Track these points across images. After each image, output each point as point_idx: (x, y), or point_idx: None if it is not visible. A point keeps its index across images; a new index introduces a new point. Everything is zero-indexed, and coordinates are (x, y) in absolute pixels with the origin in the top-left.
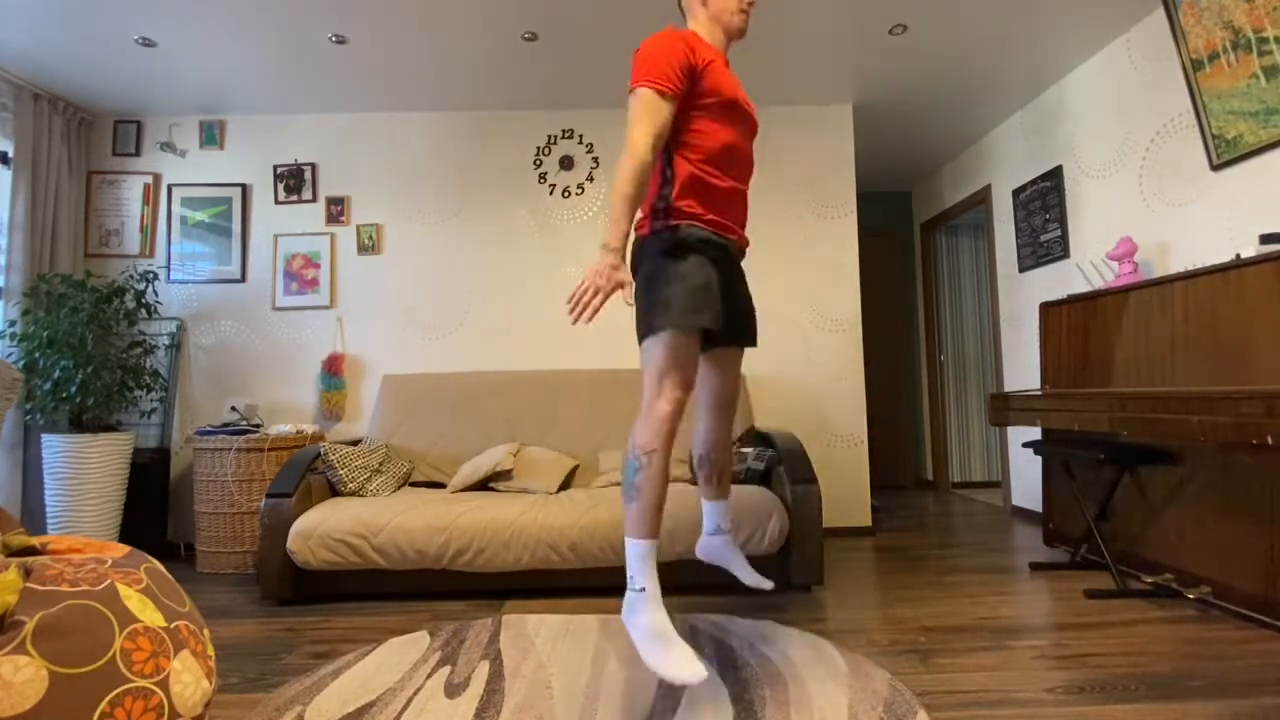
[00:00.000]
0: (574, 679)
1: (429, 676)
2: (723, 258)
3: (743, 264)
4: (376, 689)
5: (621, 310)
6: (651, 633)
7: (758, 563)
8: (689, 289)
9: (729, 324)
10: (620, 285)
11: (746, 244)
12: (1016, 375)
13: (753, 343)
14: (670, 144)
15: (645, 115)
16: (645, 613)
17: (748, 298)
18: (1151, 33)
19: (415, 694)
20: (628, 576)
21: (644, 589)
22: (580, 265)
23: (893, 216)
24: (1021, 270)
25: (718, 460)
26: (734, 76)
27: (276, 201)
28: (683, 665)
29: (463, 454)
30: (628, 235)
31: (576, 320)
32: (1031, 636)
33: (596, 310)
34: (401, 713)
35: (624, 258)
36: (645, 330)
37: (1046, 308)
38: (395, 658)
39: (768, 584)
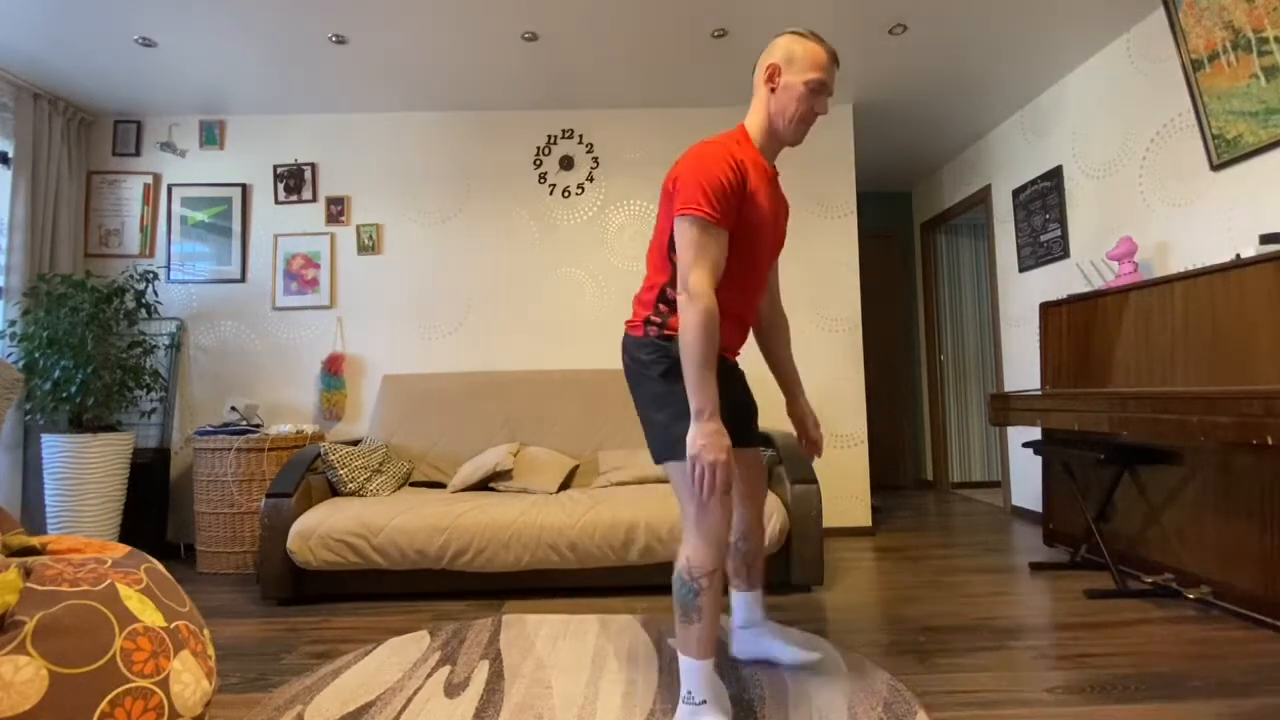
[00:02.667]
0: (574, 679)
1: (429, 676)
2: (721, 374)
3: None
4: (376, 689)
5: (624, 311)
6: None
7: None
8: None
9: (735, 432)
10: (729, 448)
11: (736, 355)
12: (1016, 375)
13: (760, 442)
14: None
15: (704, 254)
16: None
17: (747, 404)
18: (1151, 33)
19: (415, 693)
20: (684, 691)
21: (705, 701)
22: (580, 265)
23: (893, 216)
24: (1021, 270)
25: (746, 549)
26: (776, 197)
27: (276, 201)
28: None
29: (463, 454)
30: (716, 396)
31: (710, 496)
32: (1031, 636)
33: (726, 482)
34: (401, 712)
35: (719, 420)
36: (666, 455)
37: (1046, 308)
38: (395, 657)
39: (812, 657)
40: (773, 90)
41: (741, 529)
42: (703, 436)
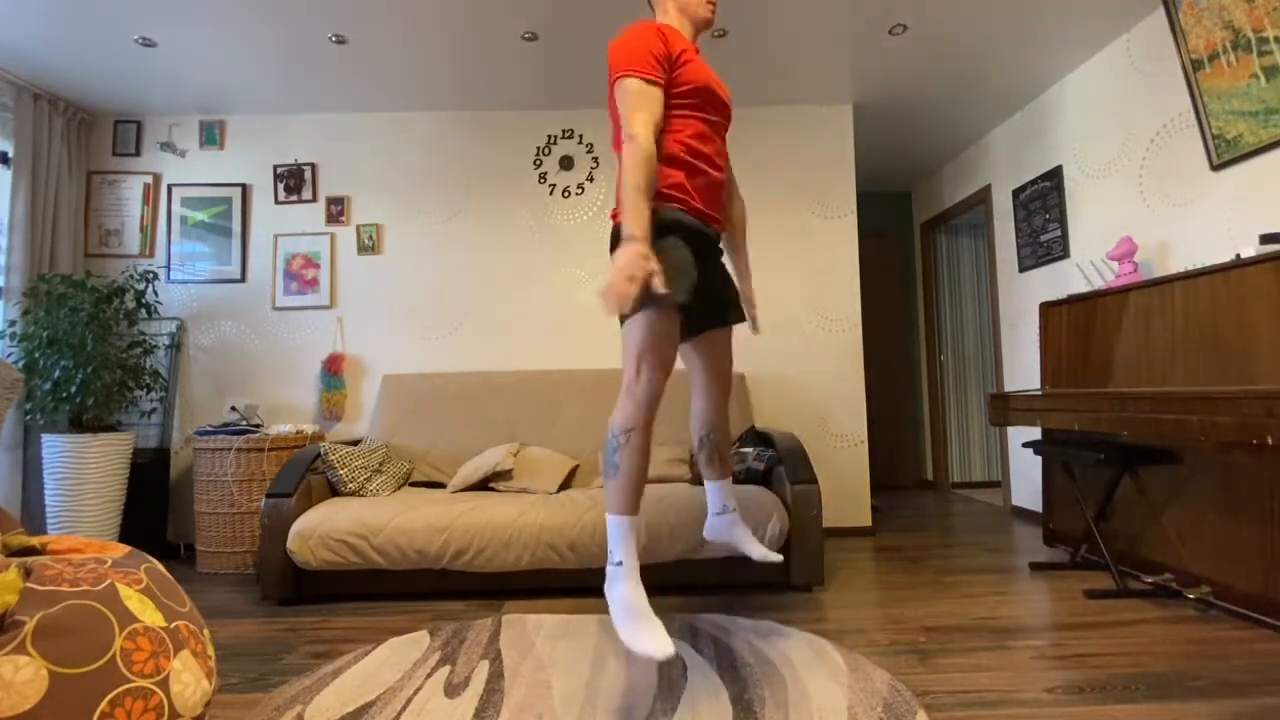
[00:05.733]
0: (574, 679)
1: (429, 676)
2: (699, 241)
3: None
4: (376, 689)
5: None
6: (626, 606)
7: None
8: (665, 268)
9: (708, 307)
10: (652, 273)
11: (723, 228)
12: (1016, 375)
13: (739, 319)
14: None
15: (641, 104)
16: (622, 585)
17: (726, 281)
18: (1151, 33)
19: (415, 694)
20: (608, 550)
21: (622, 562)
22: (580, 265)
23: (893, 216)
24: (1021, 270)
25: (716, 440)
26: (707, 67)
27: (276, 201)
28: (652, 640)
29: (463, 454)
30: (649, 223)
31: (612, 313)
32: (1031, 636)
33: (633, 300)
34: (401, 712)
35: (650, 246)
36: (626, 314)
37: (1046, 308)
38: (395, 657)
39: (777, 557)
40: None
41: (708, 419)
42: (625, 255)
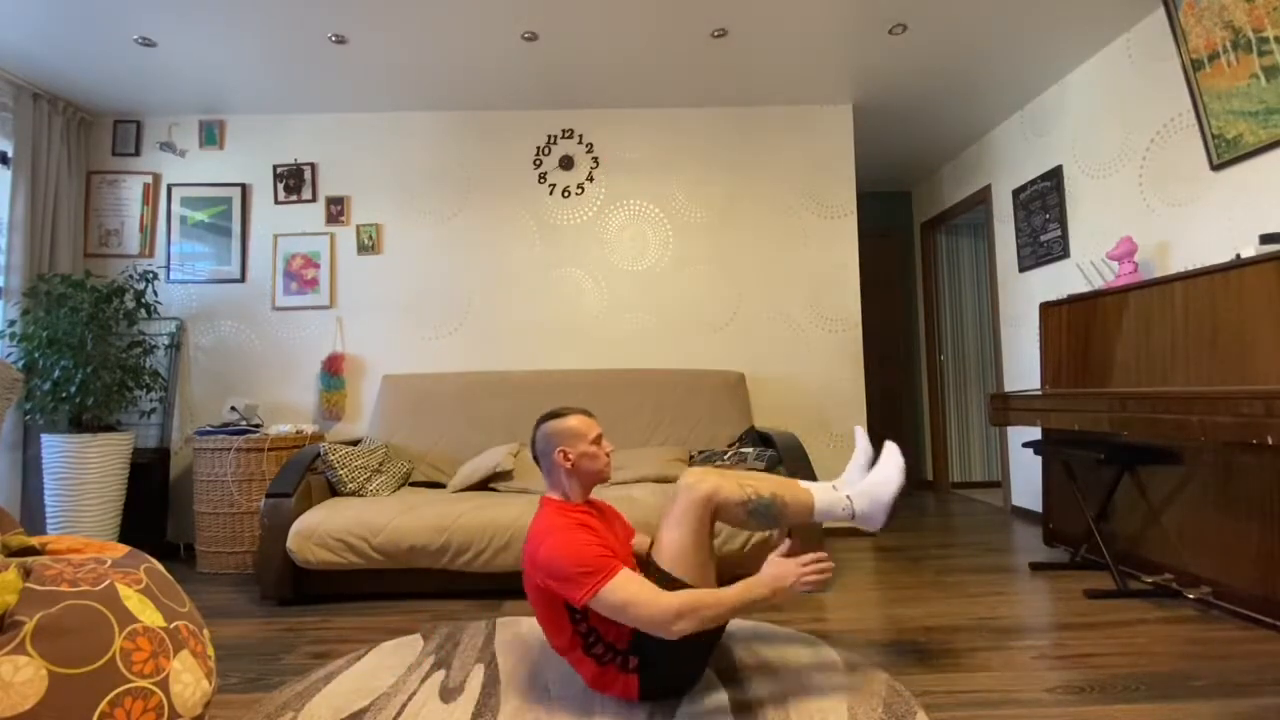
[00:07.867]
0: (572, 683)
1: (423, 680)
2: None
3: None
4: (370, 694)
5: (624, 311)
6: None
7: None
8: None
9: None
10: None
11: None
12: (1016, 375)
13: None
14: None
15: (639, 598)
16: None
17: None
18: (1151, 33)
19: (409, 699)
20: (846, 513)
21: (848, 496)
22: (580, 265)
23: (893, 216)
24: (1021, 270)
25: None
26: (610, 523)
27: (276, 201)
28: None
29: (463, 454)
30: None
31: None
32: (1031, 636)
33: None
34: (396, 718)
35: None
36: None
37: (1046, 308)
38: (389, 661)
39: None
40: (572, 465)
41: None
42: (779, 578)
